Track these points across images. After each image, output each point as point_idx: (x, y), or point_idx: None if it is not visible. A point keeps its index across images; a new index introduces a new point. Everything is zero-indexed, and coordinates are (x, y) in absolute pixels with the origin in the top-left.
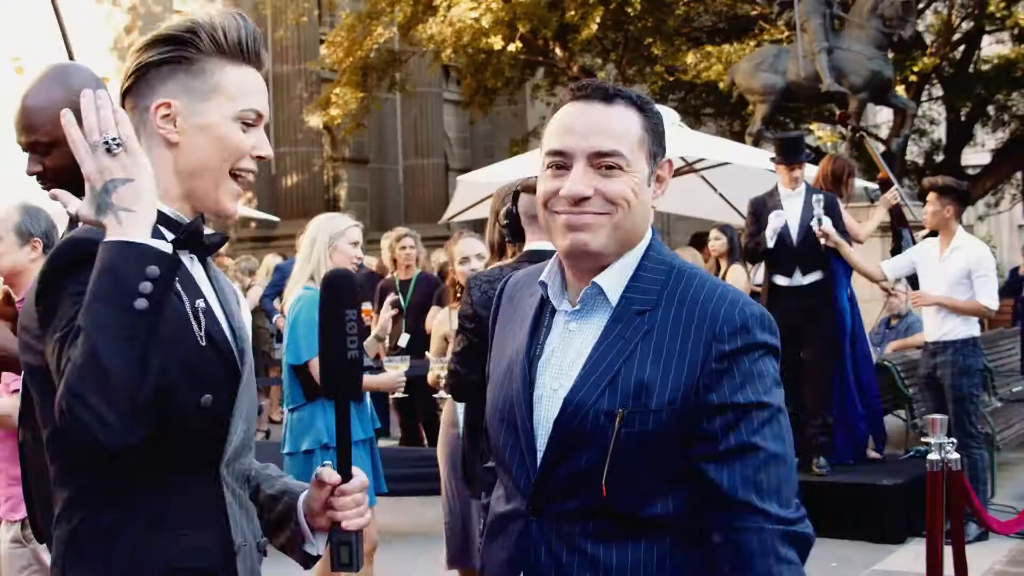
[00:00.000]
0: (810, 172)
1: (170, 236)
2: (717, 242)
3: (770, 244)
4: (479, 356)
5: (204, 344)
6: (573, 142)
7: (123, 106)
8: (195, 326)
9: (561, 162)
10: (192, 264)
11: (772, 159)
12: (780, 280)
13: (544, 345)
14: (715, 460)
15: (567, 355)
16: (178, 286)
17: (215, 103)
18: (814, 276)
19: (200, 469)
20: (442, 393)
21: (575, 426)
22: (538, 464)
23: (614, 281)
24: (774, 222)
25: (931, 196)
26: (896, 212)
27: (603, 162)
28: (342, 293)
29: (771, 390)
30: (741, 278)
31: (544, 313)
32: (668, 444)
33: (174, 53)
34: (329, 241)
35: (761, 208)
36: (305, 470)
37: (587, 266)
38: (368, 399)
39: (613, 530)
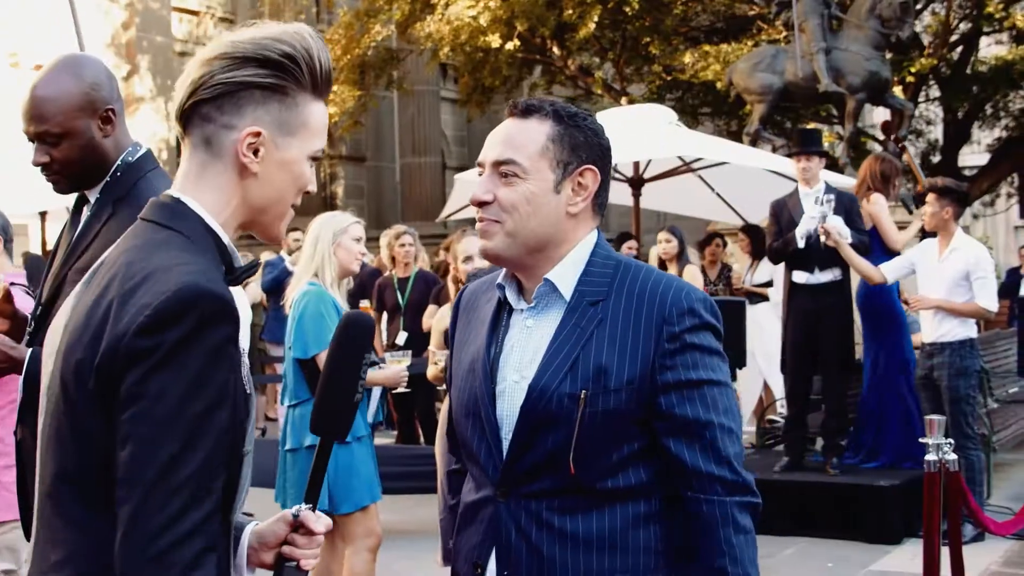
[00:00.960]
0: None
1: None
2: (668, 244)
3: (800, 244)
4: None
5: (249, 392)
6: (484, 153)
7: (187, 111)
8: (244, 377)
9: (481, 172)
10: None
11: (788, 154)
12: (798, 277)
13: (504, 343)
14: (674, 435)
15: (527, 349)
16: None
17: (299, 139)
18: (831, 274)
19: (221, 517)
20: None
21: (541, 410)
22: (504, 452)
23: (565, 276)
24: (808, 224)
25: (930, 197)
26: None
27: (501, 170)
28: (361, 337)
29: (719, 367)
30: (698, 279)
31: (502, 314)
32: (629, 421)
33: (274, 80)
34: (333, 238)
35: (780, 210)
36: (309, 466)
37: (504, 267)
38: (376, 394)
39: (580, 504)
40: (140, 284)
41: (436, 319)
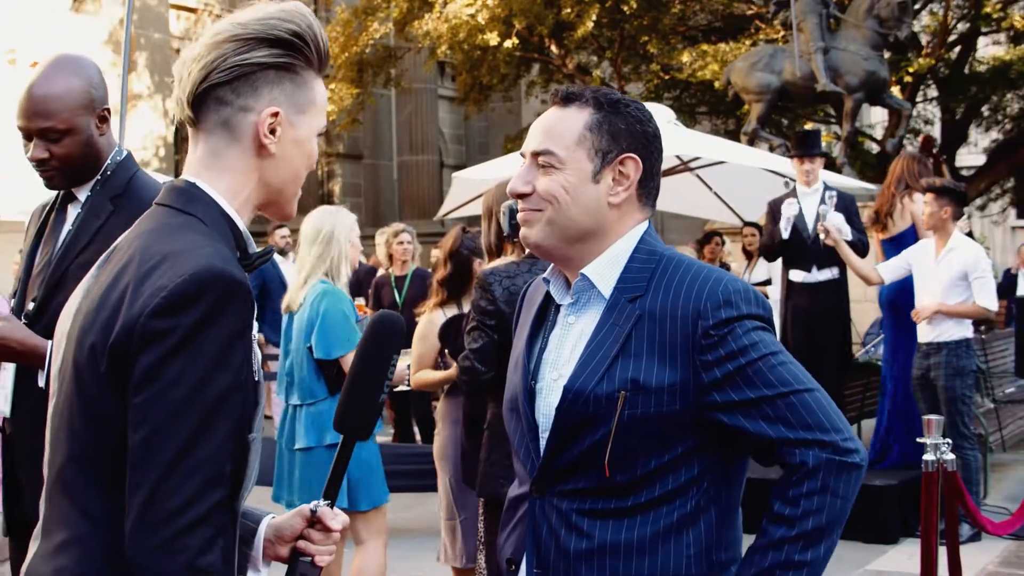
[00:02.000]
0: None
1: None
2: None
3: (784, 235)
4: (498, 353)
5: (258, 380)
6: (525, 143)
7: (203, 96)
8: (257, 360)
9: (522, 162)
10: None
11: (789, 155)
12: (795, 276)
13: (548, 339)
14: (749, 418)
15: (565, 346)
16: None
17: (308, 116)
18: (829, 273)
19: (236, 504)
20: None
21: (577, 411)
22: (541, 449)
23: (605, 271)
24: (787, 211)
25: (928, 197)
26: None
27: (539, 160)
28: (393, 338)
29: (769, 342)
30: None
31: (549, 309)
32: (669, 424)
33: (287, 59)
34: (348, 236)
35: (777, 207)
36: (327, 464)
37: (547, 259)
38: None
39: (611, 507)
40: (156, 267)
41: (417, 338)
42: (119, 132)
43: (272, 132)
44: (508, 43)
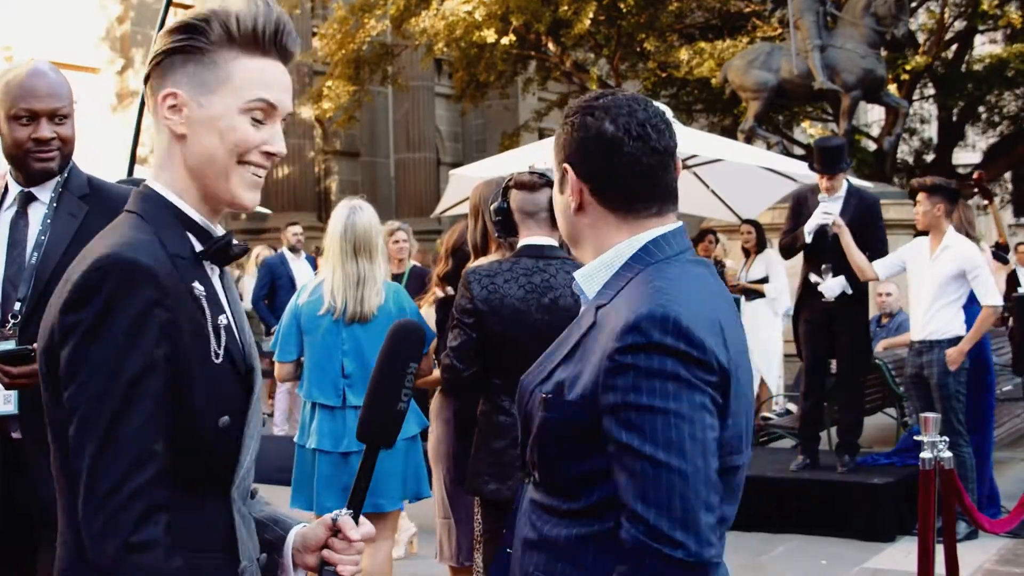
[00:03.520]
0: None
1: (198, 246)
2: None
3: (808, 240)
4: (478, 351)
5: (220, 362)
6: None
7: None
8: (214, 344)
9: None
10: (213, 275)
11: (810, 167)
12: (814, 278)
13: None
14: (617, 462)
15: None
16: (204, 302)
17: (221, 95)
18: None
19: (214, 492)
20: None
21: (523, 407)
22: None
23: (587, 279)
24: (818, 218)
25: (920, 196)
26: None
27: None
28: (410, 346)
29: (673, 394)
30: None
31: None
32: (586, 437)
33: (187, 42)
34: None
35: (801, 204)
36: (410, 455)
37: None
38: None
39: (552, 506)
40: (75, 267)
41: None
42: (134, 127)
43: (180, 114)
44: (505, 40)
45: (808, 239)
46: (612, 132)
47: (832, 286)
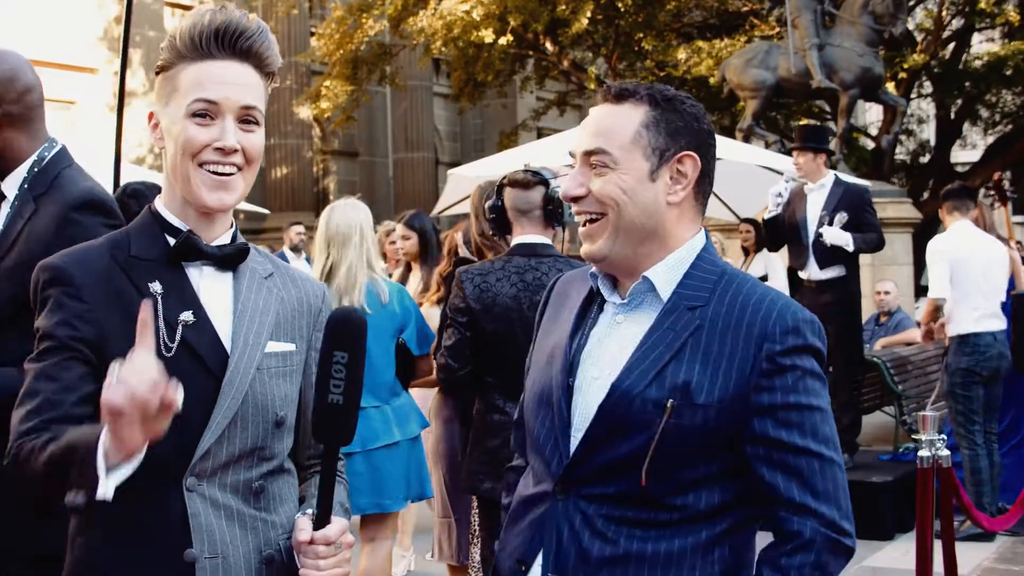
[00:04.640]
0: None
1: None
2: None
3: (771, 208)
4: (471, 350)
5: (172, 355)
6: (575, 142)
7: None
8: (165, 338)
9: (571, 163)
10: (200, 275)
11: (787, 149)
12: (802, 273)
13: (589, 335)
14: (767, 462)
15: (611, 346)
16: (160, 302)
17: (173, 105)
18: (833, 271)
19: (163, 480)
20: None
21: (620, 413)
22: (572, 448)
23: (666, 276)
24: (774, 188)
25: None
26: None
27: (591, 160)
28: (337, 335)
29: (821, 393)
30: None
31: (592, 305)
32: (712, 441)
33: (162, 64)
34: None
35: (790, 202)
36: (413, 455)
37: (611, 271)
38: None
39: (641, 517)
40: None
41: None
42: (115, 131)
43: (155, 130)
44: (503, 40)
45: (772, 207)
46: (710, 127)
47: (834, 234)
